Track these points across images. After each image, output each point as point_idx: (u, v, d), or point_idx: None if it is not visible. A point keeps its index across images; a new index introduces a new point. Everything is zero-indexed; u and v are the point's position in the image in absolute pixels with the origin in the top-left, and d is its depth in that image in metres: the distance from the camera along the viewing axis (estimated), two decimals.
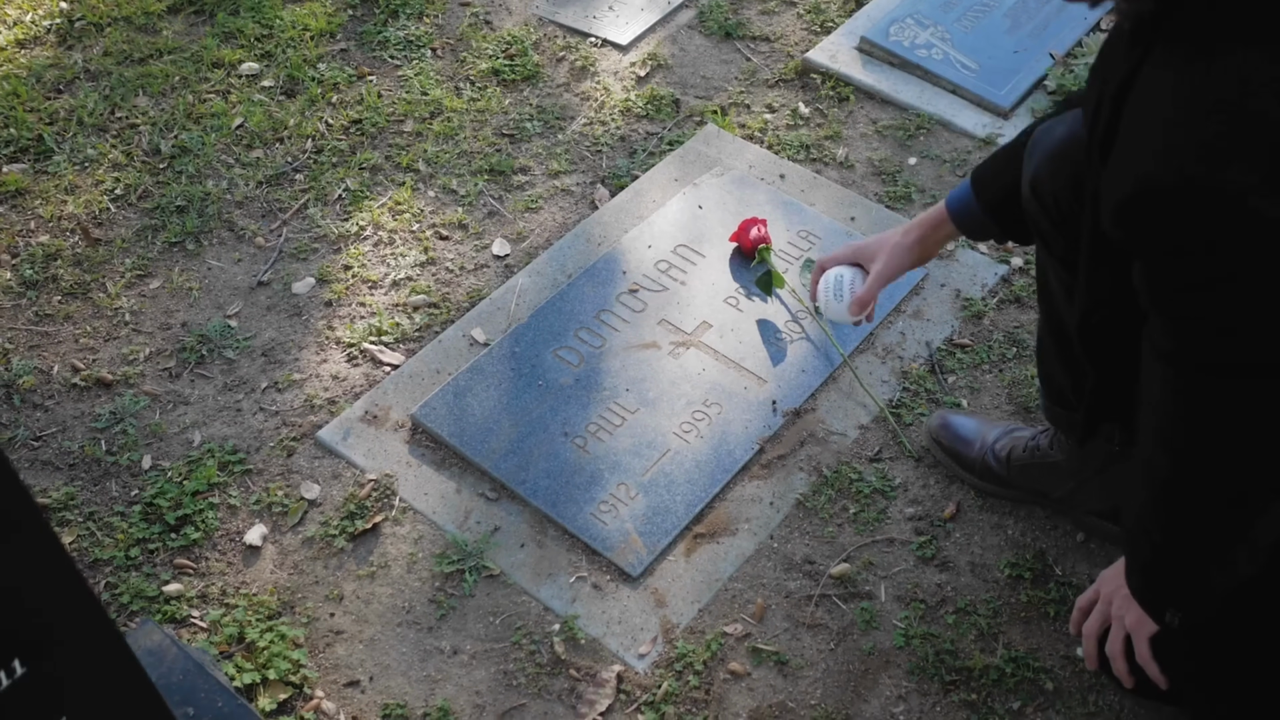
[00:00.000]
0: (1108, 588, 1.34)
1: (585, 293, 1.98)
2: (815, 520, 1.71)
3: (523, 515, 1.70)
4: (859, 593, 1.62)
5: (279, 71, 2.51)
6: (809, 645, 1.57)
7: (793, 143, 2.32)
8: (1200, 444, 1.11)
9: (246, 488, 1.76)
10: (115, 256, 2.13)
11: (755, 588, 1.63)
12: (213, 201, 2.23)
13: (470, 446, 1.75)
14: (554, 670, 1.54)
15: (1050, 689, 1.52)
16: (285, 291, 2.07)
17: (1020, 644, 1.56)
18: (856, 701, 1.51)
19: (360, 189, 2.25)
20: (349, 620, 1.60)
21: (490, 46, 2.58)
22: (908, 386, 1.88)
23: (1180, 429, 1.11)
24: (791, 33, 2.62)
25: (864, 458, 1.78)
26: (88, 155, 2.32)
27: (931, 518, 1.71)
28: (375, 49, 2.58)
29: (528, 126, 2.38)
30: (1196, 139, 0.95)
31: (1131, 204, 1.01)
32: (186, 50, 2.56)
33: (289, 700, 1.51)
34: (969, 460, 1.71)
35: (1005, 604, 1.60)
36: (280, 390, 1.90)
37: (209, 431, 1.84)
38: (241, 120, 2.40)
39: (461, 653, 1.57)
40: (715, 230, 2.09)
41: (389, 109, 2.42)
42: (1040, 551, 1.65)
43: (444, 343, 1.94)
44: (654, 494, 1.70)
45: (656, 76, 2.51)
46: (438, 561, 1.65)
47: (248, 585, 1.64)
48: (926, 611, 1.60)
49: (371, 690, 1.53)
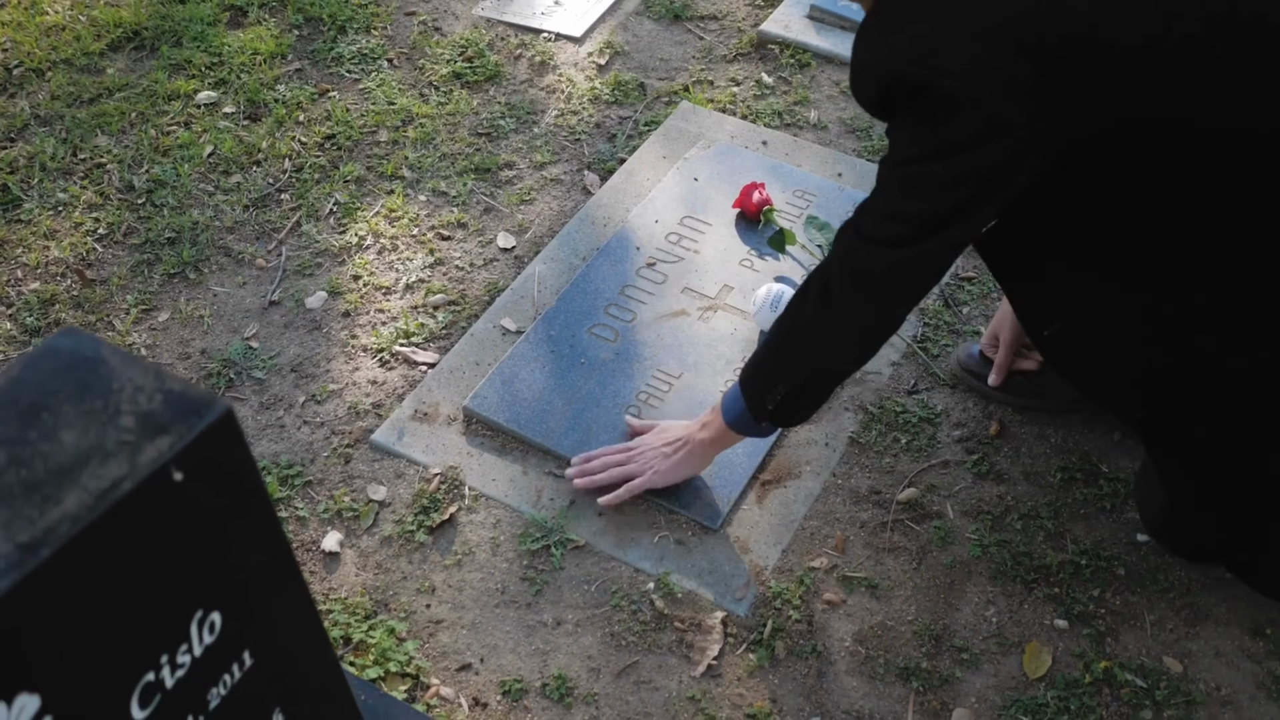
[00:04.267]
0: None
1: (604, 272, 2.03)
2: (871, 454, 1.79)
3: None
4: (928, 513, 1.71)
5: (238, 97, 2.49)
6: (893, 567, 1.65)
7: (765, 111, 2.40)
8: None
9: (311, 498, 1.76)
10: (115, 295, 2.09)
11: (830, 523, 1.70)
12: (203, 230, 2.20)
13: (530, 429, 1.78)
14: (659, 625, 1.59)
15: (1123, 574, 1.62)
16: (299, 308, 2.06)
17: (1085, 538, 1.66)
18: (950, 611, 1.60)
19: (350, 201, 2.25)
20: (446, 609, 1.62)
21: (446, 51, 2.60)
22: (927, 321, 1.97)
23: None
24: (737, 9, 2.71)
25: (902, 391, 1.87)
26: (59, 199, 2.27)
27: (978, 437, 1.80)
28: (330, 65, 2.57)
29: (502, 124, 2.42)
30: (909, 35, 1.22)
31: (855, 84, 1.30)
32: (136, 86, 2.52)
33: (409, 691, 1.52)
34: (1005, 381, 1.81)
35: (1064, 505, 1.71)
36: (319, 402, 1.90)
37: (259, 450, 1.82)
38: (212, 148, 2.37)
39: (565, 623, 1.60)
40: (715, 199, 2.16)
41: (360, 121, 2.43)
42: (1085, 453, 1.76)
43: (476, 335, 1.96)
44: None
45: (616, 63, 2.57)
46: (521, 540, 1.68)
47: (336, 590, 1.64)
48: (994, 521, 1.69)
49: (485, 671, 1.55)
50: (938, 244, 1.32)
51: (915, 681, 1.52)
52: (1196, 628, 1.56)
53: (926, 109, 1.22)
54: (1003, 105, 1.19)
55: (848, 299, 1.39)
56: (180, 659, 0.86)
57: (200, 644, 0.88)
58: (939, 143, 1.24)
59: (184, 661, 0.86)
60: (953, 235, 1.31)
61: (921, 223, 1.30)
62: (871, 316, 1.42)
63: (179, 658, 0.86)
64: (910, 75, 1.21)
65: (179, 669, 0.86)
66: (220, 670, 0.92)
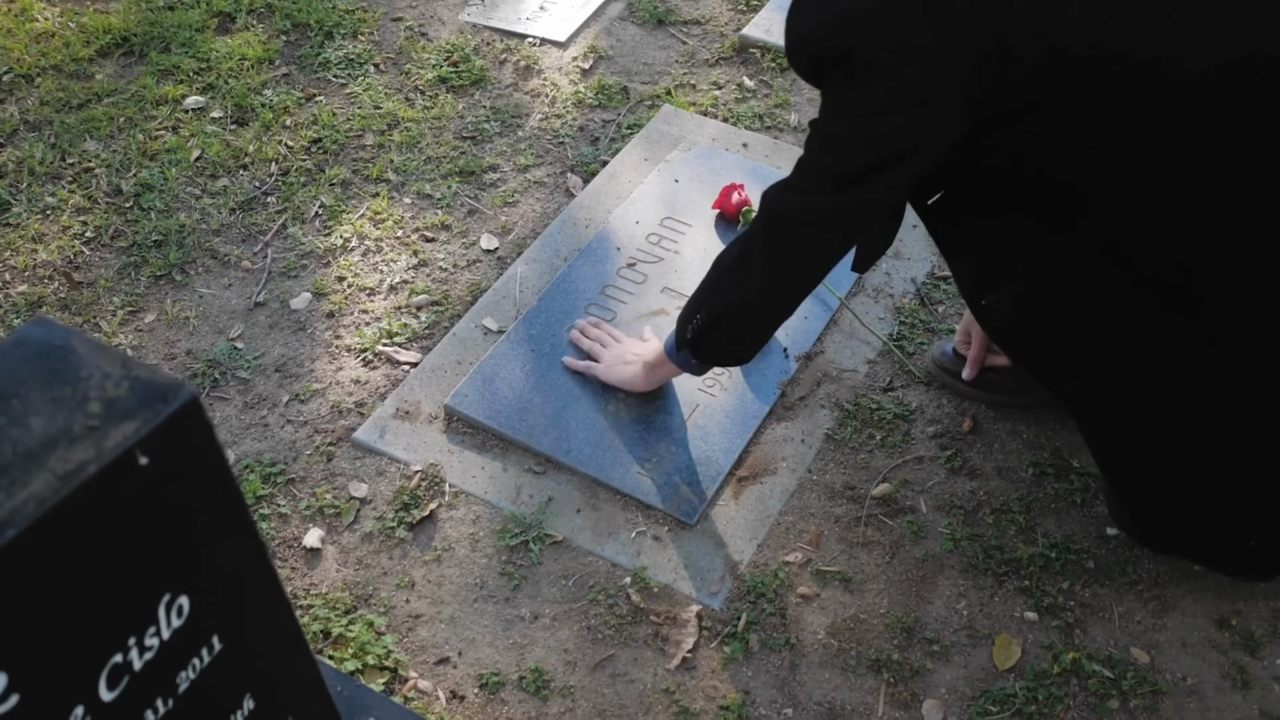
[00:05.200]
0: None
1: (585, 272, 2.05)
2: (846, 450, 1.81)
3: (572, 483, 1.76)
4: (902, 508, 1.73)
5: (225, 102, 2.52)
6: (867, 561, 1.67)
7: (746, 114, 2.43)
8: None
9: (293, 495, 1.78)
10: (102, 297, 2.11)
11: (805, 518, 1.72)
12: (190, 233, 2.23)
13: (509, 426, 1.81)
14: (635, 619, 1.61)
15: (1092, 566, 1.65)
16: (284, 309, 2.08)
17: (1056, 532, 1.69)
18: (922, 604, 1.62)
19: (336, 204, 2.28)
20: (425, 604, 1.64)
21: (432, 56, 2.62)
22: (903, 320, 2.00)
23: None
24: (720, 14, 2.74)
25: (878, 389, 1.90)
26: (47, 203, 2.29)
27: (952, 433, 1.82)
28: (317, 70, 2.60)
29: (486, 127, 2.44)
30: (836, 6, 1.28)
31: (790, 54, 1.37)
32: (125, 91, 2.54)
33: (387, 684, 1.54)
34: (979, 376, 1.83)
35: (1035, 499, 1.73)
36: (303, 401, 1.92)
37: (242, 449, 1.85)
38: (199, 152, 2.40)
39: (542, 617, 1.62)
40: (695, 200, 2.18)
41: (346, 125, 2.45)
42: (1056, 449, 1.79)
43: (458, 335, 1.98)
44: (693, 446, 1.78)
45: (600, 68, 2.60)
46: (500, 536, 1.70)
47: (317, 585, 1.66)
48: (966, 516, 1.71)
49: (463, 664, 1.57)
50: (849, 200, 1.38)
51: (886, 673, 1.54)
52: (1164, 619, 1.59)
53: (848, 75, 1.29)
54: (917, 74, 1.26)
55: (760, 240, 1.48)
56: (148, 642, 0.88)
57: (168, 627, 0.90)
58: (858, 105, 1.32)
59: (152, 644, 0.88)
60: (865, 192, 1.38)
61: (835, 177, 1.38)
62: (779, 260, 1.48)
63: (147, 640, 0.88)
64: (835, 44, 1.28)
65: (147, 651, 0.88)
66: (189, 654, 0.94)
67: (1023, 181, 1.40)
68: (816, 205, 1.40)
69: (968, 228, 1.52)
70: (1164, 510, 1.55)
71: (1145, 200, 1.33)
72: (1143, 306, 1.39)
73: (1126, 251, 1.37)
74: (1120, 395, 1.48)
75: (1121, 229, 1.36)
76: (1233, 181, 1.30)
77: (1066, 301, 1.45)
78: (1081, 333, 1.46)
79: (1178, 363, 1.41)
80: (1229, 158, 1.29)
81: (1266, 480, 1.45)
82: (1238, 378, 1.39)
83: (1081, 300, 1.44)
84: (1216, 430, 1.43)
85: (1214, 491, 1.49)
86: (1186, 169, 1.30)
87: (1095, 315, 1.44)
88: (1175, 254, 1.35)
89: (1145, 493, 1.55)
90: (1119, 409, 1.49)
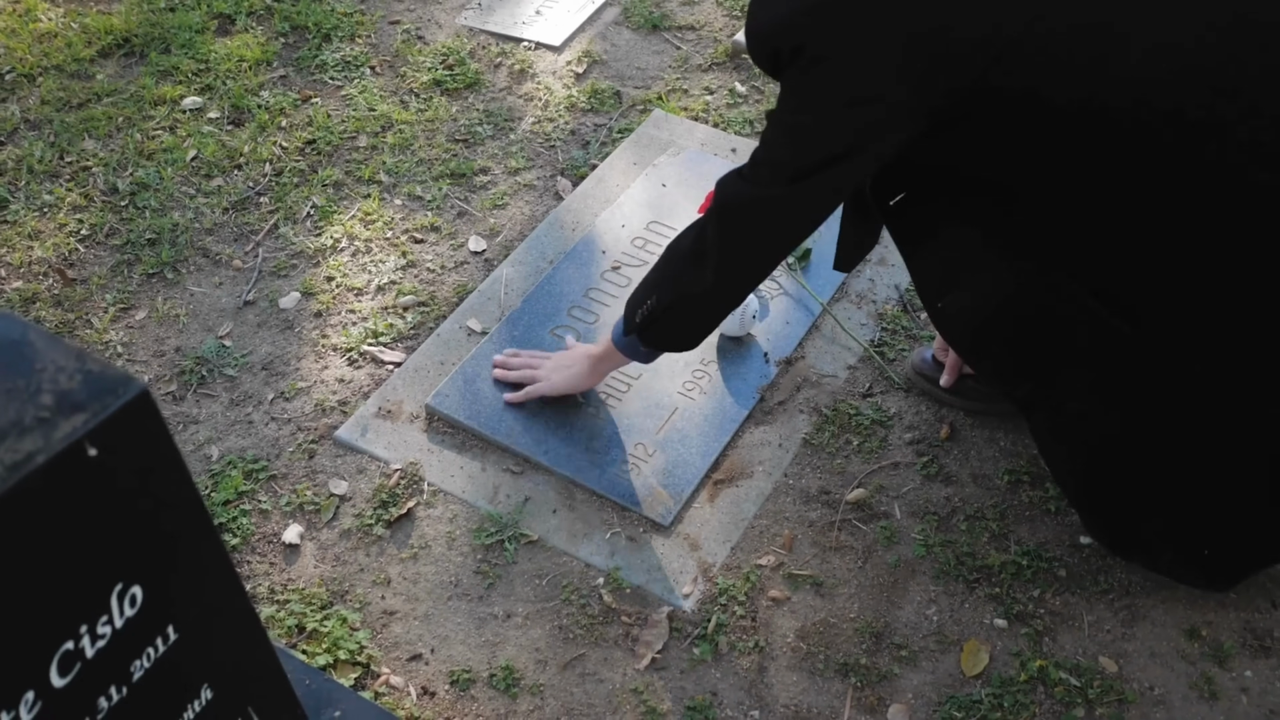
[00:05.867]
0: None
1: (570, 274, 2.07)
2: (823, 455, 1.82)
3: (549, 483, 1.78)
4: (876, 514, 1.74)
5: (223, 103, 2.54)
6: (839, 566, 1.68)
7: (736, 119, 2.44)
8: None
9: (274, 492, 1.80)
10: (95, 294, 2.14)
11: (780, 522, 1.74)
12: (182, 231, 2.25)
13: (488, 426, 1.82)
14: (606, 619, 1.62)
15: (1063, 575, 1.65)
16: (273, 308, 2.11)
17: (1029, 539, 1.69)
18: (892, 609, 1.63)
19: (327, 205, 2.30)
20: (400, 600, 1.66)
21: (427, 60, 2.65)
22: (885, 326, 2.01)
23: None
24: (714, 20, 2.75)
25: (857, 394, 1.91)
26: (45, 201, 2.32)
27: (929, 440, 1.83)
28: (314, 72, 2.63)
29: (479, 130, 2.46)
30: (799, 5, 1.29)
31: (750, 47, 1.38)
32: (125, 91, 2.57)
33: (359, 679, 1.56)
34: (954, 386, 1.84)
35: (1010, 506, 1.74)
36: (288, 399, 1.94)
37: (226, 445, 1.87)
38: (195, 152, 2.42)
39: (515, 615, 1.63)
40: (682, 204, 2.20)
41: (340, 127, 2.48)
42: (1033, 457, 1.79)
43: (442, 336, 2.00)
44: (670, 449, 1.80)
45: (594, 72, 2.62)
46: (476, 535, 1.72)
47: (295, 581, 1.68)
48: (940, 522, 1.72)
49: (435, 661, 1.59)
50: (799, 192, 1.41)
51: (854, 677, 1.55)
52: (1133, 628, 1.59)
53: (804, 68, 1.31)
54: (869, 72, 1.28)
55: (713, 229, 1.49)
56: (101, 630, 0.90)
57: (121, 616, 0.91)
58: (811, 99, 1.34)
59: (104, 632, 0.90)
60: (817, 185, 1.40)
61: (786, 168, 1.40)
62: (733, 248, 1.49)
63: (99, 628, 0.90)
64: (792, 38, 1.30)
65: (99, 639, 0.90)
66: (143, 643, 0.95)
67: (964, 185, 1.43)
68: (770, 196, 1.43)
69: (925, 229, 1.54)
70: (1118, 517, 1.56)
71: (1075, 210, 1.35)
72: (1085, 310, 1.40)
73: (1061, 257, 1.40)
74: (1071, 401, 1.49)
75: (1055, 238, 1.39)
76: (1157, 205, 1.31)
77: (1014, 306, 1.47)
78: (1031, 337, 1.48)
79: (1124, 369, 1.42)
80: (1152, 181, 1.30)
81: (1217, 488, 1.45)
82: (1182, 386, 1.39)
83: (1027, 304, 1.45)
84: (1165, 437, 1.44)
85: (1166, 499, 1.50)
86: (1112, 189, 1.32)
87: (1041, 320, 1.45)
88: (1111, 262, 1.36)
89: (1097, 500, 1.56)
90: (1070, 415, 1.50)
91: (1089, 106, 1.26)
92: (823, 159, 1.36)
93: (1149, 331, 1.38)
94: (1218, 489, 1.46)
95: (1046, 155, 1.32)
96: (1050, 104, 1.27)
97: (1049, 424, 1.54)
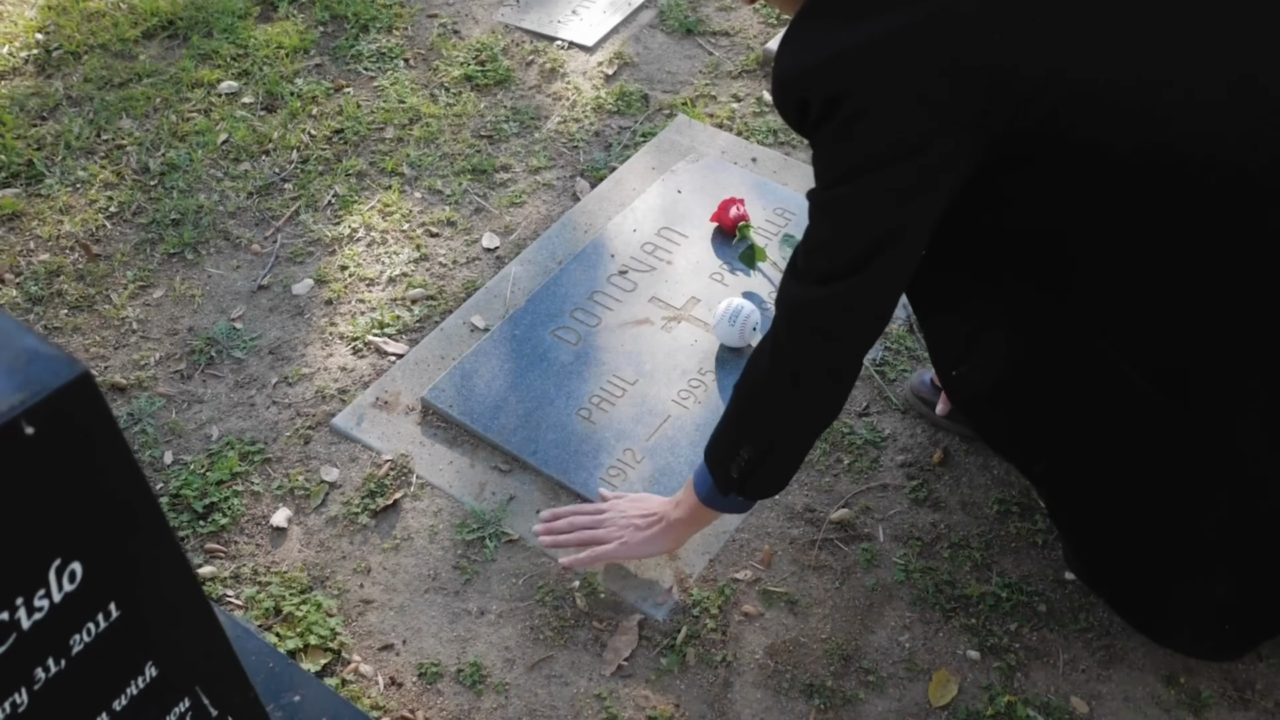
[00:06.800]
0: None
1: (577, 276, 2.08)
2: (812, 472, 1.81)
3: (536, 484, 1.79)
4: (859, 535, 1.73)
5: (258, 88, 2.59)
6: (816, 585, 1.67)
7: (760, 128, 2.43)
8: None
9: (268, 475, 1.83)
10: (116, 270, 2.19)
11: (761, 537, 1.73)
12: (206, 214, 2.30)
13: (481, 423, 1.84)
14: (578, 623, 1.63)
15: (1043, 610, 1.63)
16: (286, 293, 2.14)
17: (1013, 572, 1.67)
18: (864, 633, 1.61)
19: (349, 194, 2.33)
20: (378, 590, 1.68)
21: (461, 54, 2.67)
22: (889, 346, 1.99)
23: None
24: (749, 26, 2.74)
25: (853, 413, 1.89)
26: (79, 177, 2.38)
27: (921, 463, 1.82)
28: (349, 62, 2.66)
29: (505, 127, 2.48)
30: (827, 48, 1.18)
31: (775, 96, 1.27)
32: (165, 73, 2.63)
33: (329, 665, 1.58)
34: (952, 411, 1.82)
35: (996, 536, 1.71)
36: (290, 384, 1.97)
37: (226, 426, 1.90)
38: (226, 136, 2.47)
39: (488, 613, 1.65)
40: (695, 212, 2.20)
41: (369, 118, 2.51)
42: (1025, 487, 1.77)
43: (445, 330, 2.02)
44: (658, 457, 1.80)
45: (624, 74, 2.62)
46: (458, 531, 1.73)
47: (278, 564, 1.71)
48: (923, 548, 1.71)
49: (405, 652, 1.61)
50: (870, 276, 1.26)
51: (818, 699, 1.54)
52: (1110, 670, 1.56)
53: (843, 124, 1.18)
54: (913, 122, 1.16)
55: (793, 345, 1.34)
56: (38, 603, 0.92)
57: (59, 591, 0.94)
58: (857, 161, 1.20)
59: (41, 606, 0.93)
60: (884, 263, 1.25)
61: (848, 253, 1.25)
62: (813, 360, 1.34)
63: (36, 602, 0.92)
64: (826, 86, 1.18)
65: (36, 612, 0.92)
66: (83, 618, 0.98)
67: (1009, 239, 1.32)
68: (842, 292, 1.27)
69: (947, 288, 1.43)
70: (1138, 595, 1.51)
71: (1129, 269, 1.26)
72: (1121, 385, 1.31)
73: (1116, 324, 1.29)
74: (1093, 479, 1.43)
75: (1100, 300, 1.29)
76: (1232, 275, 1.23)
77: (1045, 378, 1.37)
78: (1057, 413, 1.39)
79: (1163, 448, 1.34)
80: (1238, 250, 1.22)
81: (1250, 569, 1.40)
82: (1225, 464, 1.32)
83: (1062, 377, 1.36)
84: (1203, 520, 1.38)
85: (1193, 578, 1.44)
86: (1185, 253, 1.23)
87: (1075, 394, 1.36)
88: (1162, 330, 1.28)
89: (1118, 579, 1.51)
90: (1091, 491, 1.44)
91: (1156, 158, 1.17)
92: (883, 232, 1.23)
93: (1198, 408, 1.29)
94: (1251, 570, 1.40)
95: (1106, 207, 1.22)
96: (1114, 154, 1.18)
97: (1066, 498, 1.48)
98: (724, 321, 1.91)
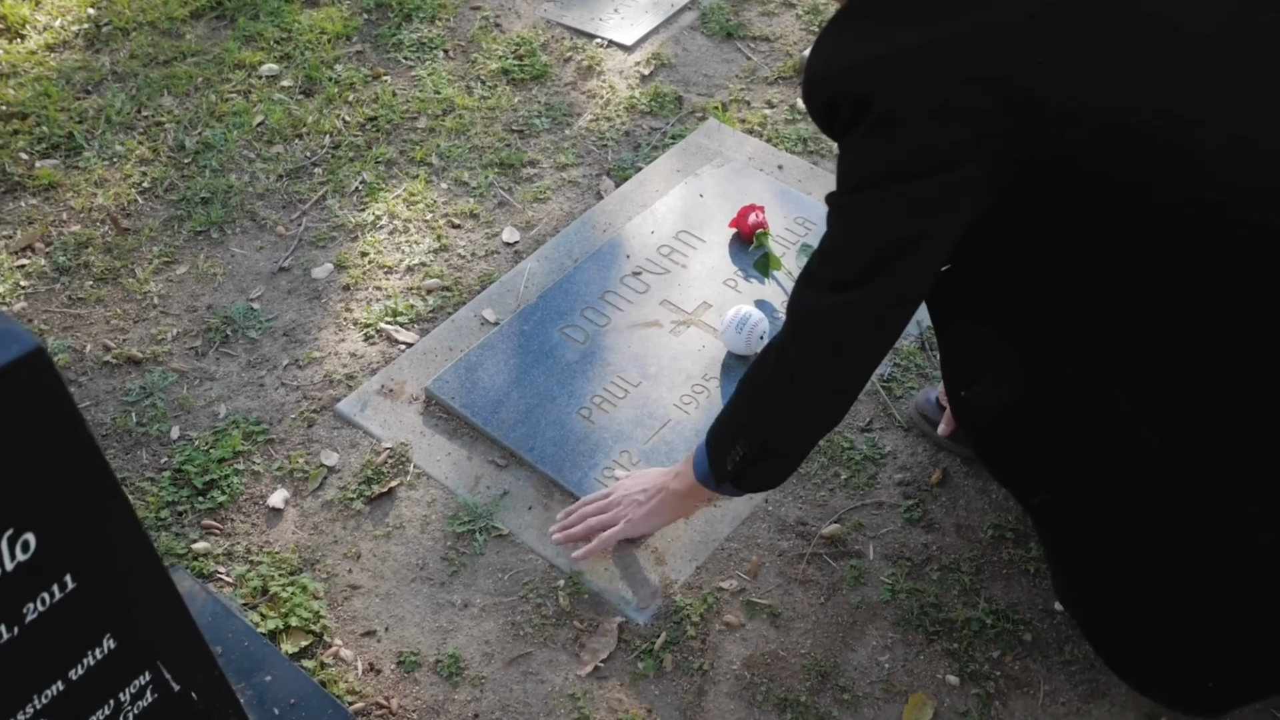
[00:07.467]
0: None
1: (591, 275, 2.08)
2: (808, 485, 1.79)
3: (530, 480, 1.79)
4: (849, 551, 1.71)
5: (297, 72, 2.62)
6: (800, 599, 1.66)
7: (790, 136, 2.41)
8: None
9: (269, 455, 1.86)
10: (144, 245, 2.23)
11: (750, 547, 1.72)
12: (236, 194, 2.33)
13: (481, 417, 1.85)
14: (559, 621, 1.63)
15: (1029, 639, 1.60)
16: (305, 276, 2.17)
17: (1001, 599, 1.64)
18: (845, 651, 1.60)
19: (376, 181, 2.35)
20: (366, 576, 1.69)
21: (500, 48, 2.68)
22: (898, 362, 1.97)
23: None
24: (790, 32, 2.72)
25: (855, 428, 1.87)
26: (116, 151, 2.43)
27: (919, 483, 1.79)
28: (389, 51, 2.69)
29: (536, 123, 2.49)
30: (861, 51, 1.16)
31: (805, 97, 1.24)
32: (209, 53, 2.67)
33: (310, 647, 1.60)
34: (954, 432, 1.79)
35: (988, 561, 1.69)
36: (301, 367, 2.00)
37: (233, 404, 1.93)
38: (262, 118, 2.51)
39: (472, 606, 1.66)
40: (715, 217, 2.19)
41: (403, 107, 2.53)
42: (1022, 514, 1.74)
43: (456, 322, 2.04)
44: (655, 460, 1.80)
45: (660, 75, 2.62)
46: (450, 522, 1.75)
47: (271, 544, 1.74)
48: (912, 569, 1.68)
49: (387, 639, 1.62)
50: (881, 287, 1.23)
51: (790, 714, 1.53)
52: (1090, 705, 1.53)
53: (869, 130, 1.14)
54: (943, 134, 1.13)
55: (798, 351, 1.32)
56: None
57: (12, 560, 0.96)
58: (880, 169, 1.17)
59: None
60: (897, 276, 1.23)
61: (862, 261, 1.22)
62: (819, 367, 1.32)
63: None
64: (856, 89, 1.15)
65: None
66: (36, 588, 1.00)
67: (1024, 270, 1.29)
68: (854, 301, 1.25)
69: (967, 305, 1.40)
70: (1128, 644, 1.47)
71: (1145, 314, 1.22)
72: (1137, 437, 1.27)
73: (1129, 372, 1.25)
74: (1091, 523, 1.40)
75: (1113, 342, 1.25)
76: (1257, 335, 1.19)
77: (1053, 415, 1.34)
78: (1062, 451, 1.36)
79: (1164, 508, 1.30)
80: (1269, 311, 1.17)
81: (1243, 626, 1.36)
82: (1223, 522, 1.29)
83: (1071, 417, 1.32)
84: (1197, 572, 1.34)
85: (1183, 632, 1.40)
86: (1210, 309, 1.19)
87: (1082, 435, 1.32)
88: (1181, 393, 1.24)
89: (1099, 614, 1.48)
90: (1087, 535, 1.41)
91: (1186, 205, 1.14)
92: (901, 241, 1.20)
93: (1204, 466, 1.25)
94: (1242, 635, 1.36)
95: (1130, 248, 1.18)
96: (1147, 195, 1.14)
97: (1061, 534, 1.45)
98: (731, 329, 1.90)
